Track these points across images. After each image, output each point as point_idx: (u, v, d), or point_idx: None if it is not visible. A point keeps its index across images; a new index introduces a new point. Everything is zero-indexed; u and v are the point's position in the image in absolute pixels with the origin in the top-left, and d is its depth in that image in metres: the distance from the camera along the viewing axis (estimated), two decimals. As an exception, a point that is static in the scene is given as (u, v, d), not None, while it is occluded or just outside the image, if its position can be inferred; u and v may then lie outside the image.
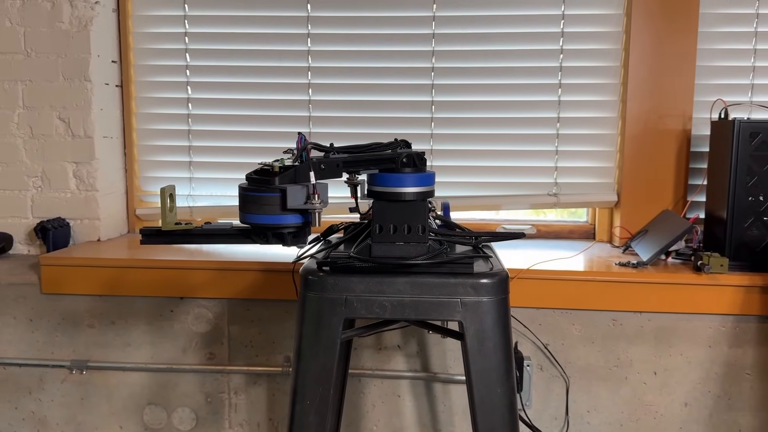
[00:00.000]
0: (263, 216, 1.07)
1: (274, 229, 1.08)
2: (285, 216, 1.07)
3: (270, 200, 1.06)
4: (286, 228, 1.08)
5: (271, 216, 1.07)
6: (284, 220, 1.08)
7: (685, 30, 1.85)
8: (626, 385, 1.69)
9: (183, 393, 1.78)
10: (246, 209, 1.09)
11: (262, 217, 1.07)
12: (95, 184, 1.94)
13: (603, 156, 1.97)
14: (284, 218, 1.07)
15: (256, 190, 1.08)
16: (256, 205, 1.07)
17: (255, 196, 1.07)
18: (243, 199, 1.09)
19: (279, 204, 1.06)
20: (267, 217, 1.07)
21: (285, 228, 1.08)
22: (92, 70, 1.91)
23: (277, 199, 1.06)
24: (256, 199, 1.07)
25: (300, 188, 1.07)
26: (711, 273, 1.61)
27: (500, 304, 1.07)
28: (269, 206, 1.06)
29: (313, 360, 1.07)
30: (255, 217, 1.08)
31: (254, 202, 1.07)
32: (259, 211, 1.07)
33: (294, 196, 1.06)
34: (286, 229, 1.08)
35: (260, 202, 1.07)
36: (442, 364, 1.72)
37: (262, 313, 1.74)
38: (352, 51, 1.99)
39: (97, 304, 1.77)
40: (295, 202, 1.06)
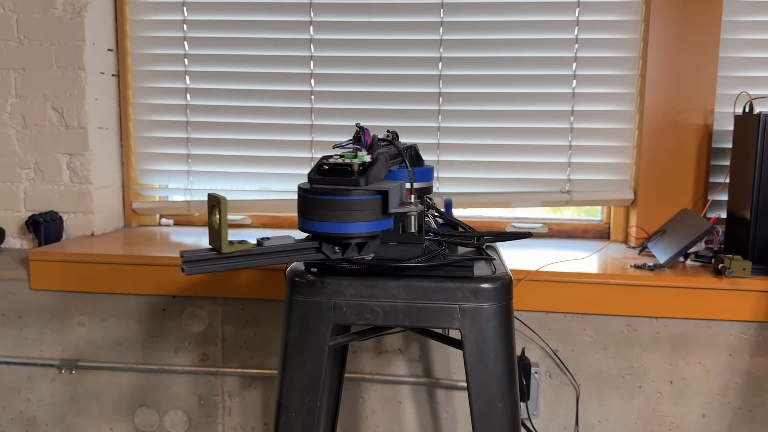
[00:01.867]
0: (357, 224, 0.89)
1: (354, 239, 0.91)
2: (383, 221, 0.91)
3: (369, 204, 0.89)
4: (369, 236, 0.91)
5: (368, 223, 0.89)
6: (382, 226, 0.91)
7: (708, 19, 1.75)
8: (640, 395, 1.60)
9: (175, 395, 1.72)
10: (328, 217, 0.89)
11: (355, 225, 0.89)
12: (89, 177, 1.88)
13: (619, 152, 1.87)
14: (382, 224, 0.90)
15: (347, 193, 0.89)
16: (346, 211, 0.88)
17: (348, 201, 0.88)
18: (323, 205, 0.89)
19: (379, 208, 0.90)
20: (363, 224, 0.89)
21: (370, 236, 0.91)
22: (86, 59, 1.84)
23: (376, 203, 0.90)
24: (350, 204, 0.88)
25: (397, 188, 0.92)
26: (733, 277, 1.52)
27: (502, 310, 0.98)
28: (366, 212, 0.89)
29: (298, 369, 0.99)
30: (345, 226, 0.89)
31: (345, 209, 0.88)
32: (349, 218, 0.88)
33: (394, 198, 0.91)
34: (362, 238, 0.91)
35: (355, 207, 0.89)
36: (445, 370, 1.64)
37: (257, 313, 1.66)
38: (356, 40, 1.90)
39: (88, 301, 1.71)
40: (394, 205, 0.91)
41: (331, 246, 0.91)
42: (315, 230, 0.91)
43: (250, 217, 2.07)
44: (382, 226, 0.91)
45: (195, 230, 2.02)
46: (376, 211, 0.90)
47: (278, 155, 1.97)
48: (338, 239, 0.91)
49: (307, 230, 0.92)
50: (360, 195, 0.89)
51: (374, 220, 0.90)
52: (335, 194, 0.89)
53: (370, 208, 0.89)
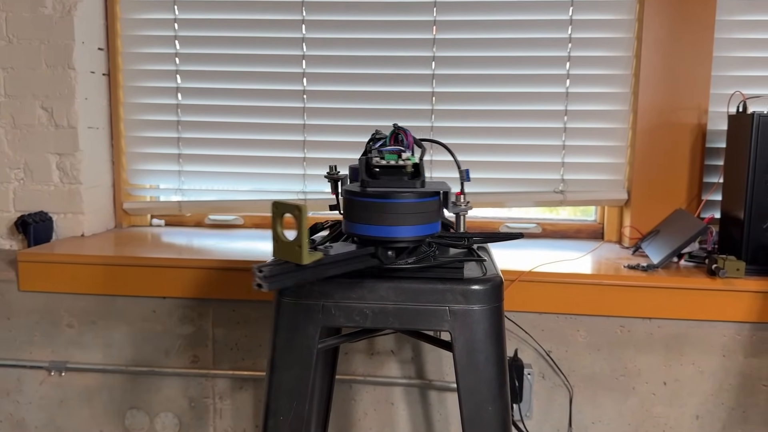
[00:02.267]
0: (416, 227, 0.85)
1: (411, 242, 0.87)
2: (436, 223, 0.87)
3: (428, 206, 0.86)
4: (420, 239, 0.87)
5: (426, 225, 0.86)
6: (435, 228, 0.87)
7: (702, 18, 1.74)
8: (634, 396, 1.59)
9: (166, 397, 1.70)
10: (388, 221, 0.84)
11: (414, 228, 0.85)
12: (79, 177, 1.86)
13: (613, 151, 1.86)
14: (436, 226, 0.87)
15: (408, 195, 0.85)
16: (407, 214, 0.84)
17: (410, 204, 0.84)
18: (383, 209, 0.84)
19: (435, 210, 0.87)
20: (422, 227, 0.85)
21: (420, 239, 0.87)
22: (76, 58, 1.83)
23: (434, 205, 0.86)
24: (412, 207, 0.85)
25: (449, 189, 0.89)
26: (726, 278, 1.51)
27: (493, 312, 0.97)
28: (424, 214, 0.86)
29: (286, 372, 0.98)
30: (404, 230, 0.85)
31: (407, 211, 0.85)
32: (409, 221, 0.85)
33: (449, 198, 0.88)
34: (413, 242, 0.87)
35: (416, 210, 0.85)
36: (437, 371, 1.62)
37: (248, 315, 1.65)
38: (349, 39, 1.89)
39: (77, 303, 1.69)
40: (449, 206, 0.88)
41: (385, 250, 0.88)
42: (373, 235, 0.86)
43: (242, 218, 2.05)
44: (436, 228, 0.88)
45: (186, 231, 2.01)
46: (433, 213, 0.87)
47: (270, 155, 1.95)
48: (395, 243, 0.87)
49: (363, 235, 0.87)
50: (420, 197, 0.85)
51: (431, 222, 0.87)
52: (395, 197, 0.84)
53: (428, 210, 0.86)
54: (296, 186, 1.96)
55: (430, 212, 0.86)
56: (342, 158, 1.92)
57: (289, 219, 0.81)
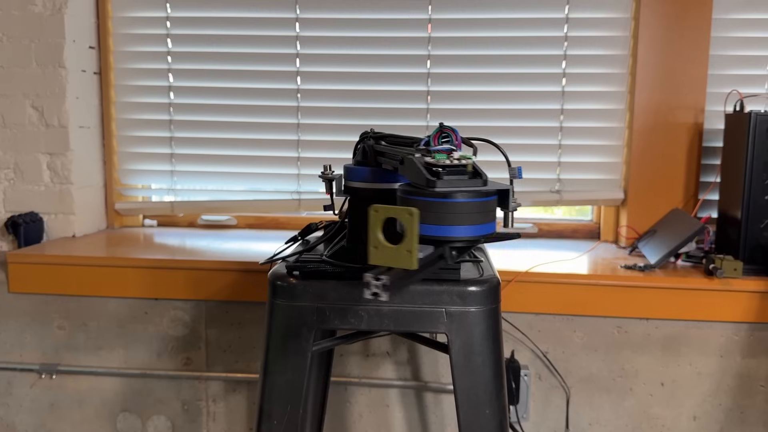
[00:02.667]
0: (484, 225, 0.83)
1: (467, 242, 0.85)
2: (494, 223, 0.86)
3: (492, 205, 0.85)
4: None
5: (491, 224, 0.85)
6: (493, 227, 0.86)
7: (698, 16, 1.73)
8: (631, 397, 1.58)
9: (158, 400, 1.68)
10: (461, 221, 0.82)
11: (482, 227, 0.83)
12: (70, 177, 1.84)
13: (609, 151, 1.85)
14: (494, 225, 0.86)
15: (482, 194, 0.83)
16: (481, 213, 0.83)
17: (486, 203, 0.83)
18: (456, 209, 0.82)
19: (495, 208, 0.86)
20: (488, 225, 0.84)
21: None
22: (67, 56, 1.80)
23: (495, 204, 0.85)
24: (487, 206, 0.83)
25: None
26: (724, 278, 1.50)
27: (490, 314, 0.95)
28: (491, 212, 0.85)
29: (280, 375, 0.96)
30: (475, 229, 0.83)
31: (482, 210, 0.83)
32: (480, 220, 0.83)
33: (509, 198, 0.86)
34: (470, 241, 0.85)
35: (489, 208, 0.84)
36: (433, 373, 1.61)
37: (241, 316, 1.63)
38: (343, 37, 1.87)
39: (68, 304, 1.67)
40: (508, 204, 0.87)
41: (451, 250, 0.85)
42: (441, 235, 0.83)
43: (235, 218, 2.03)
44: (494, 227, 0.87)
45: (179, 231, 1.99)
46: (494, 212, 0.86)
47: (264, 155, 1.93)
48: (459, 242, 0.84)
49: (439, 237, 0.83)
50: (490, 196, 0.84)
51: (493, 221, 0.86)
52: (473, 197, 0.83)
53: (493, 208, 0.86)
54: (290, 186, 1.94)
55: (492, 211, 0.85)
56: (337, 158, 1.90)
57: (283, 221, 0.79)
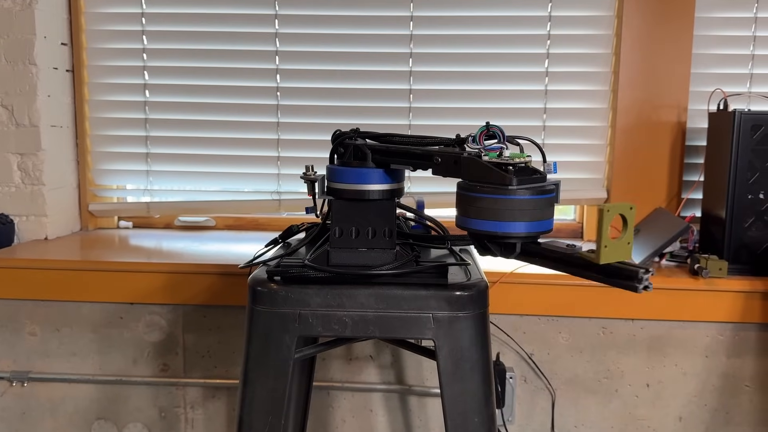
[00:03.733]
0: (548, 221, 0.88)
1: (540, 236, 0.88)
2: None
3: (554, 200, 0.88)
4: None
5: (552, 219, 0.89)
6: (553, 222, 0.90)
7: (681, 14, 1.72)
8: (617, 398, 1.56)
9: (135, 407, 1.63)
10: (532, 216, 0.86)
11: (547, 222, 0.88)
12: (42, 178, 1.78)
13: (592, 150, 1.84)
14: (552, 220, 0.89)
15: (542, 190, 0.86)
16: (547, 209, 0.87)
17: (548, 199, 0.87)
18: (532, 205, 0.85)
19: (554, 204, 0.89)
20: (551, 221, 0.88)
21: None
22: (38, 53, 1.74)
23: (553, 200, 0.88)
24: (549, 202, 0.87)
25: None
26: (709, 277, 1.49)
27: (478, 319, 0.93)
28: (553, 207, 0.88)
29: (261, 385, 0.92)
30: (545, 224, 0.88)
31: (546, 206, 0.87)
32: (548, 215, 0.87)
33: (559, 193, 0.90)
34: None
35: (551, 203, 0.87)
36: (417, 376, 1.58)
37: (220, 321, 1.59)
38: (323, 34, 1.83)
39: (40, 309, 1.61)
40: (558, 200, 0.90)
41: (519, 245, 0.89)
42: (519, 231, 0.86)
43: (213, 219, 1.99)
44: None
45: (155, 233, 1.94)
46: (554, 207, 0.89)
47: (243, 154, 1.89)
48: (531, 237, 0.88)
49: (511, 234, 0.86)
50: (554, 192, 0.87)
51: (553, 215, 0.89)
52: (542, 193, 0.86)
53: (554, 203, 0.88)
54: (270, 186, 1.90)
55: (553, 206, 0.88)
56: (318, 157, 1.87)
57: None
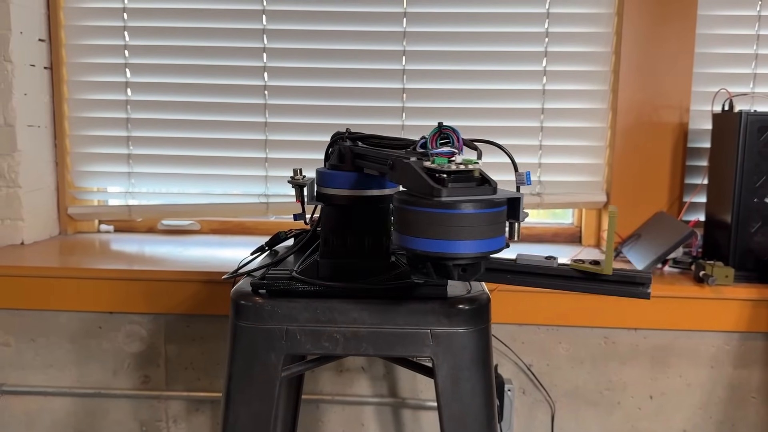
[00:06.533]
0: (493, 240, 0.74)
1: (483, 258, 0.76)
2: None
3: (504, 215, 0.76)
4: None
5: (501, 237, 0.75)
6: (503, 240, 0.77)
7: (683, 13, 1.67)
8: (618, 411, 1.50)
9: (114, 421, 1.55)
10: (469, 234, 0.72)
11: (492, 241, 0.74)
12: (18, 180, 1.70)
13: (591, 151, 1.78)
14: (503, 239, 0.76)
15: (488, 204, 0.73)
16: (490, 226, 0.73)
17: (492, 214, 0.73)
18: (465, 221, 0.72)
19: (505, 220, 0.76)
20: (498, 240, 0.75)
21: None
22: (13, 49, 1.66)
23: (504, 215, 0.76)
24: (497, 217, 0.74)
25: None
26: (716, 285, 1.43)
27: (480, 335, 0.86)
28: (502, 224, 0.75)
29: (245, 406, 0.85)
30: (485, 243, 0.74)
31: (489, 223, 0.73)
32: (490, 233, 0.74)
33: (520, 207, 0.77)
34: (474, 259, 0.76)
35: (497, 219, 0.74)
36: (411, 389, 1.51)
37: (204, 331, 1.51)
38: (313, 31, 1.76)
39: (14, 318, 1.53)
40: (519, 215, 0.77)
41: (456, 269, 0.75)
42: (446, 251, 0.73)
43: (198, 223, 1.91)
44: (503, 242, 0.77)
45: (138, 237, 1.86)
46: (504, 224, 0.76)
47: (229, 155, 1.82)
48: (477, 260, 0.75)
49: (443, 254, 0.73)
50: (500, 206, 0.74)
51: (504, 233, 0.76)
52: (483, 207, 0.72)
53: (503, 220, 0.75)
54: (257, 188, 1.82)
55: (502, 223, 0.75)
56: (307, 158, 1.80)
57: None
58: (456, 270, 0.75)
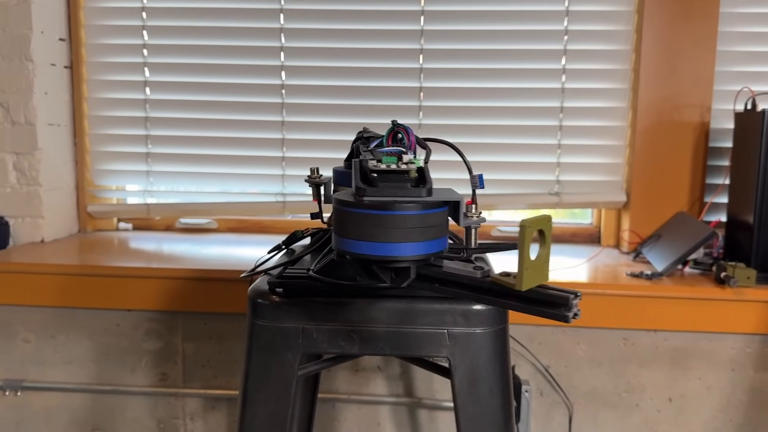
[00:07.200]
0: (426, 243, 0.71)
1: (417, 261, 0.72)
2: (445, 239, 0.73)
3: (439, 218, 0.72)
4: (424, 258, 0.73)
5: (439, 240, 0.72)
6: (444, 245, 0.73)
7: (705, 10, 1.64)
8: (637, 413, 1.49)
9: (132, 418, 1.56)
10: (396, 237, 0.70)
11: (424, 245, 0.71)
12: (38, 178, 1.72)
13: (611, 151, 1.76)
14: (444, 242, 0.73)
15: (417, 207, 0.70)
16: (420, 229, 0.70)
17: (422, 216, 0.70)
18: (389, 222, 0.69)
19: (445, 223, 0.73)
20: (431, 243, 0.71)
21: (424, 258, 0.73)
22: (34, 49, 1.68)
23: (444, 217, 0.73)
24: (424, 220, 0.70)
25: (461, 198, 0.75)
26: (737, 287, 1.41)
27: (497, 336, 0.85)
28: (435, 228, 0.72)
29: (261, 405, 0.85)
30: (414, 247, 0.70)
31: (419, 226, 0.70)
32: (420, 237, 0.70)
33: (460, 209, 0.74)
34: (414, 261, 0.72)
35: (428, 222, 0.71)
36: (428, 389, 1.51)
37: (221, 329, 1.52)
38: (330, 29, 1.76)
39: (34, 315, 1.55)
40: (459, 218, 0.75)
41: (388, 272, 0.73)
42: (367, 253, 0.71)
43: (216, 221, 1.92)
44: (445, 244, 0.74)
45: (156, 235, 1.87)
46: (442, 227, 0.73)
47: (246, 154, 1.82)
48: (394, 263, 0.72)
49: (352, 253, 0.72)
50: (427, 208, 0.70)
51: (439, 237, 0.72)
52: (397, 209, 0.69)
53: (436, 223, 0.72)
54: (275, 187, 1.83)
55: (440, 226, 0.72)
56: (324, 158, 1.80)
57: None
58: (387, 273, 0.72)
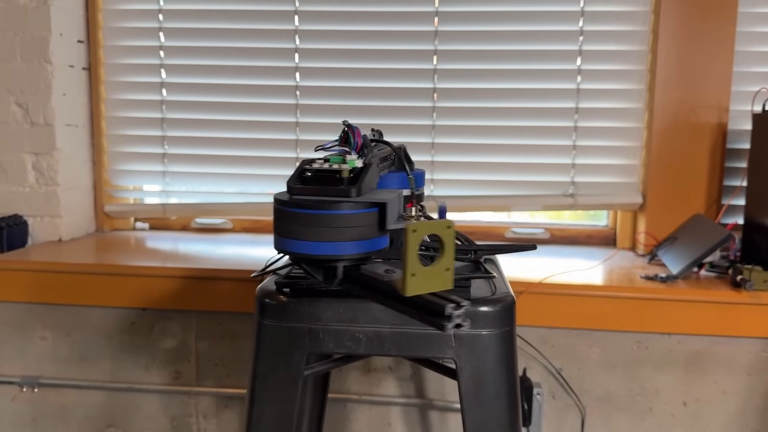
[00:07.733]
0: (347, 244, 0.73)
1: (342, 261, 0.74)
2: (378, 239, 0.75)
3: (363, 219, 0.73)
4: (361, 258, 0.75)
5: (361, 242, 0.74)
6: (377, 245, 0.75)
7: (723, 10, 1.62)
8: (651, 417, 1.47)
9: (146, 415, 1.58)
10: (311, 235, 0.72)
11: (345, 245, 0.73)
12: (56, 178, 1.74)
13: (627, 152, 1.74)
14: (377, 242, 0.75)
15: (337, 206, 0.72)
16: (335, 229, 0.72)
17: (337, 216, 0.72)
18: (306, 221, 0.72)
19: (375, 224, 0.75)
20: (354, 244, 0.73)
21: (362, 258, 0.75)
22: (53, 50, 1.71)
23: (371, 218, 0.74)
24: (340, 220, 0.72)
25: (396, 199, 0.77)
26: (754, 290, 1.39)
27: (504, 337, 0.85)
28: (359, 229, 0.73)
29: (268, 405, 0.86)
30: (331, 246, 0.73)
31: (334, 225, 0.72)
32: (339, 237, 0.72)
33: (393, 210, 0.75)
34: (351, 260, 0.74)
35: (346, 223, 0.73)
36: (438, 390, 1.51)
37: (234, 328, 1.53)
38: (344, 30, 1.77)
39: (51, 313, 1.57)
40: (392, 219, 0.76)
41: (318, 270, 0.76)
42: (294, 251, 0.74)
43: (231, 221, 1.93)
44: (377, 245, 0.75)
45: (172, 235, 1.89)
46: (371, 228, 0.74)
47: (261, 155, 1.83)
48: (323, 262, 0.75)
49: (284, 250, 0.75)
50: (352, 208, 0.73)
51: (368, 238, 0.74)
52: (321, 208, 0.72)
53: (364, 224, 0.73)
54: (288, 188, 1.83)
55: (365, 227, 0.73)
56: (337, 159, 1.80)
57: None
58: (318, 272, 0.75)
